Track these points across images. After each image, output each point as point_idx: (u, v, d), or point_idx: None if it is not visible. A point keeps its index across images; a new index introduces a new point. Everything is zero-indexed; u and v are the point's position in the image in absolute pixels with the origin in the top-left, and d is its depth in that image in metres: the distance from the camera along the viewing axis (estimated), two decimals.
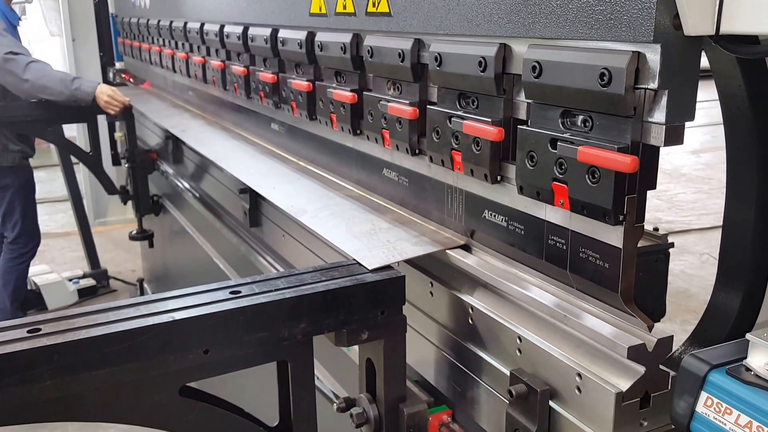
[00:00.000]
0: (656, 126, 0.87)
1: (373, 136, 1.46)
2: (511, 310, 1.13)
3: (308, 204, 1.63)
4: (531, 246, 1.10)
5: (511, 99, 1.10)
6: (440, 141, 1.23)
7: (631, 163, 0.87)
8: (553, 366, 1.01)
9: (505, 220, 1.15)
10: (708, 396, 0.76)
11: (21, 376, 0.86)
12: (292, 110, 1.85)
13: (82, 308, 0.99)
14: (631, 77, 0.86)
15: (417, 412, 1.14)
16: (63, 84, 3.72)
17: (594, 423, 0.95)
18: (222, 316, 1.00)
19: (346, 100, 1.53)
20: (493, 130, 1.09)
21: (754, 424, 0.72)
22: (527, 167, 1.03)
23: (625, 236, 0.93)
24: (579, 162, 0.94)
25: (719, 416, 0.75)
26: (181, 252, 3.63)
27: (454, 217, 1.29)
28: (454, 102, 1.21)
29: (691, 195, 7.07)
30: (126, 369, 0.93)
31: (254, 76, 2.09)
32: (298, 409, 1.10)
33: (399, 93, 1.39)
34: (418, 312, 1.33)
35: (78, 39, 5.80)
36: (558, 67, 0.95)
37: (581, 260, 1.00)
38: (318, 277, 1.11)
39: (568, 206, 0.98)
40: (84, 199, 5.44)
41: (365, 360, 1.16)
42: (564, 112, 0.99)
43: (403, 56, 1.30)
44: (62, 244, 6.28)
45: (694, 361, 0.79)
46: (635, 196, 0.92)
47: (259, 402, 1.31)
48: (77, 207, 5.19)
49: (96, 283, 5.15)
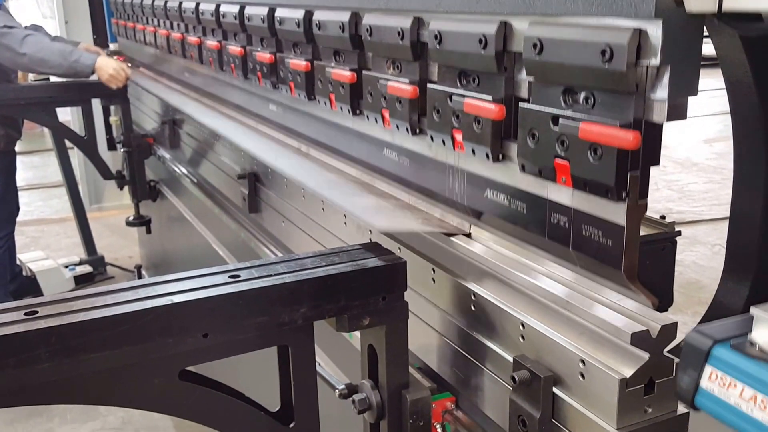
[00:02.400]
0: (659, 102, 0.87)
1: (373, 116, 1.45)
2: (514, 297, 1.13)
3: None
4: (533, 224, 1.10)
5: (512, 77, 1.09)
6: (441, 120, 1.23)
7: (633, 140, 0.87)
8: (556, 352, 1.01)
9: (507, 198, 1.15)
10: (712, 370, 0.76)
11: (18, 358, 0.85)
12: (290, 90, 1.84)
13: (79, 291, 0.98)
14: (633, 53, 0.85)
15: (420, 399, 1.13)
16: (62, 56, 3.62)
17: (598, 409, 0.94)
18: (221, 300, 0.99)
19: (345, 79, 1.52)
20: (494, 108, 1.08)
21: (759, 397, 0.72)
22: (529, 145, 1.03)
23: (628, 213, 0.93)
24: (581, 139, 0.93)
25: (724, 390, 0.75)
26: (180, 238, 3.62)
27: (455, 197, 1.28)
28: (454, 80, 1.20)
29: (703, 185, 7.02)
30: (125, 352, 0.92)
31: (251, 57, 2.08)
32: (299, 394, 1.10)
33: (399, 72, 1.38)
34: (420, 298, 1.32)
35: (71, 21, 5.73)
36: (559, 44, 0.95)
37: (584, 238, 1.00)
38: (318, 262, 1.10)
39: (570, 183, 0.98)
40: (79, 184, 5.40)
41: (367, 346, 1.16)
42: (565, 90, 0.98)
43: (403, 35, 1.29)
44: (57, 230, 6.25)
45: (697, 336, 0.79)
46: (638, 173, 0.91)
47: (260, 388, 1.30)
48: (72, 192, 5.15)
49: (93, 270, 5.11)
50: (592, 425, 0.94)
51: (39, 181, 7.61)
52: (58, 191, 6.71)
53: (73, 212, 5.20)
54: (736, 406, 0.73)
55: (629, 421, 0.92)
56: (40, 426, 3.50)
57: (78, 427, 3.50)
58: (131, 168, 3.73)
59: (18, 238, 4.74)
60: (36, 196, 7.20)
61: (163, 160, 3.41)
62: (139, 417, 3.50)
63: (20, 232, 5.89)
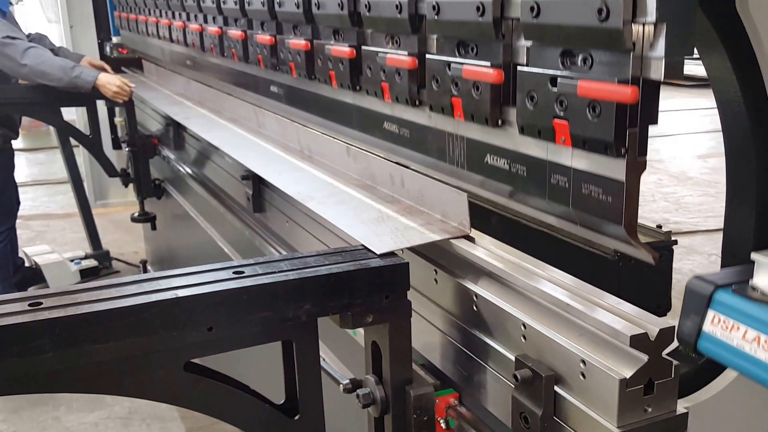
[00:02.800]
0: (656, 60, 0.89)
1: (373, 89, 1.47)
2: (515, 299, 1.13)
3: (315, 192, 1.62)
4: (533, 187, 1.12)
5: (510, 44, 1.11)
6: (440, 89, 1.25)
7: (631, 93, 0.88)
8: (557, 352, 1.01)
9: (507, 163, 1.16)
10: (715, 314, 0.77)
11: (23, 347, 0.86)
12: (291, 71, 1.86)
13: (84, 284, 0.98)
14: (629, 10, 0.87)
15: (424, 394, 1.14)
16: (62, 71, 3.69)
17: (599, 408, 0.94)
18: (225, 295, 1.00)
19: (345, 55, 1.54)
20: (492, 72, 1.11)
21: (762, 338, 0.72)
22: (527, 107, 1.05)
23: (628, 168, 0.94)
24: (579, 97, 0.95)
25: (726, 333, 0.75)
26: (185, 235, 3.63)
27: (455, 164, 1.30)
28: (453, 50, 1.23)
29: (698, 198, 7.13)
30: (129, 343, 0.93)
31: (252, 40, 2.10)
32: (304, 388, 1.10)
33: (398, 47, 1.40)
34: (423, 298, 1.32)
35: (76, 25, 5.75)
36: (556, 5, 0.97)
37: (584, 197, 1.02)
38: (321, 261, 1.10)
39: (570, 143, 1.00)
40: (84, 181, 5.43)
41: (371, 343, 1.16)
42: (563, 52, 1.00)
43: (401, 8, 1.31)
44: (63, 225, 6.28)
45: (699, 282, 0.79)
46: (636, 130, 0.93)
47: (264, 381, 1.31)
48: (77, 189, 5.17)
49: (98, 264, 5.13)
50: (594, 423, 0.95)
51: (44, 177, 7.64)
52: (63, 187, 6.75)
53: (79, 208, 5.22)
54: (739, 348, 0.73)
55: (629, 419, 0.92)
56: (46, 414, 3.52)
57: (84, 416, 3.51)
58: (136, 167, 3.76)
59: (24, 232, 4.77)
60: (41, 192, 7.24)
61: (167, 160, 3.43)
62: (145, 407, 3.52)
63: (26, 226, 5.93)
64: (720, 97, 1.04)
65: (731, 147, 1.07)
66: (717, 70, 1.02)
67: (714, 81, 1.04)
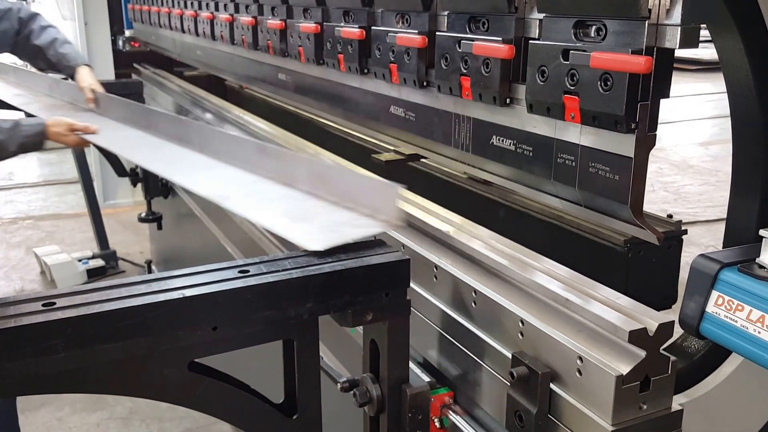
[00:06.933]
0: (671, 28, 0.87)
1: (381, 71, 1.46)
2: (514, 294, 1.14)
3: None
4: (539, 167, 1.10)
5: (522, 17, 1.09)
6: (449, 68, 1.23)
7: (645, 63, 0.86)
8: (554, 349, 1.02)
9: (513, 143, 1.15)
10: (719, 294, 0.75)
11: (36, 347, 0.88)
12: (299, 56, 1.86)
13: (95, 284, 1.01)
14: None
15: (419, 393, 1.15)
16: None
17: (594, 405, 0.95)
18: (230, 294, 1.01)
19: (354, 36, 1.54)
20: (503, 48, 1.09)
21: (767, 318, 0.70)
22: (538, 83, 1.03)
23: (637, 144, 0.93)
24: (592, 68, 0.93)
25: (730, 314, 0.74)
26: (190, 234, 3.66)
27: (461, 147, 1.29)
28: (464, 26, 1.21)
29: (698, 187, 7.02)
30: (137, 343, 0.95)
31: (262, 26, 2.10)
32: (302, 387, 1.12)
33: (408, 26, 1.39)
34: (421, 294, 1.34)
35: (90, 23, 5.79)
36: None
37: (591, 175, 1.00)
38: (325, 258, 1.12)
39: (579, 119, 0.98)
40: (94, 181, 5.47)
41: (369, 341, 1.18)
42: (577, 23, 0.98)
43: None
44: (72, 225, 6.32)
45: (704, 261, 0.77)
46: (648, 103, 0.91)
47: (264, 380, 1.33)
48: (87, 189, 5.22)
49: (105, 264, 5.19)
50: (588, 421, 0.96)
51: (55, 177, 7.69)
52: (73, 187, 6.78)
53: (88, 208, 5.27)
54: (742, 329, 0.72)
55: (624, 417, 0.93)
56: (50, 415, 3.56)
57: (86, 416, 3.56)
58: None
59: (34, 232, 4.82)
60: (52, 192, 7.28)
61: None
62: (145, 407, 3.56)
63: (36, 226, 6.00)
64: (730, 80, 1.02)
65: (739, 132, 1.05)
66: (729, 52, 1.00)
67: (725, 64, 1.02)
